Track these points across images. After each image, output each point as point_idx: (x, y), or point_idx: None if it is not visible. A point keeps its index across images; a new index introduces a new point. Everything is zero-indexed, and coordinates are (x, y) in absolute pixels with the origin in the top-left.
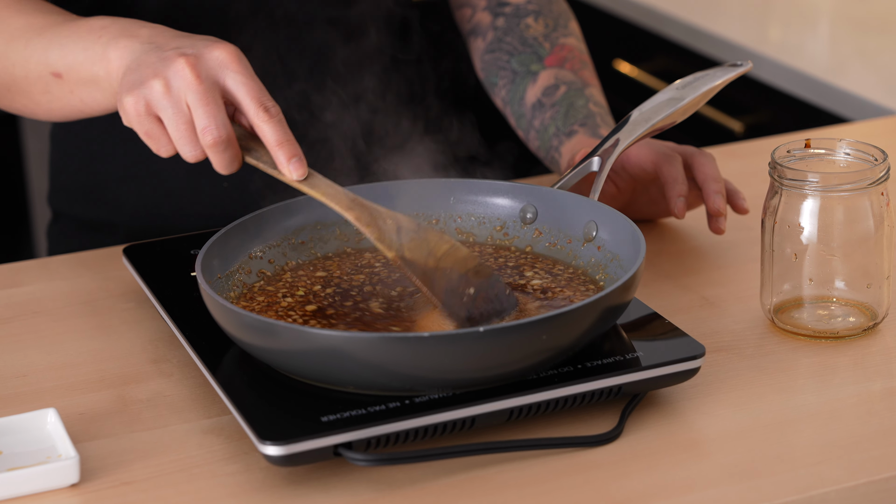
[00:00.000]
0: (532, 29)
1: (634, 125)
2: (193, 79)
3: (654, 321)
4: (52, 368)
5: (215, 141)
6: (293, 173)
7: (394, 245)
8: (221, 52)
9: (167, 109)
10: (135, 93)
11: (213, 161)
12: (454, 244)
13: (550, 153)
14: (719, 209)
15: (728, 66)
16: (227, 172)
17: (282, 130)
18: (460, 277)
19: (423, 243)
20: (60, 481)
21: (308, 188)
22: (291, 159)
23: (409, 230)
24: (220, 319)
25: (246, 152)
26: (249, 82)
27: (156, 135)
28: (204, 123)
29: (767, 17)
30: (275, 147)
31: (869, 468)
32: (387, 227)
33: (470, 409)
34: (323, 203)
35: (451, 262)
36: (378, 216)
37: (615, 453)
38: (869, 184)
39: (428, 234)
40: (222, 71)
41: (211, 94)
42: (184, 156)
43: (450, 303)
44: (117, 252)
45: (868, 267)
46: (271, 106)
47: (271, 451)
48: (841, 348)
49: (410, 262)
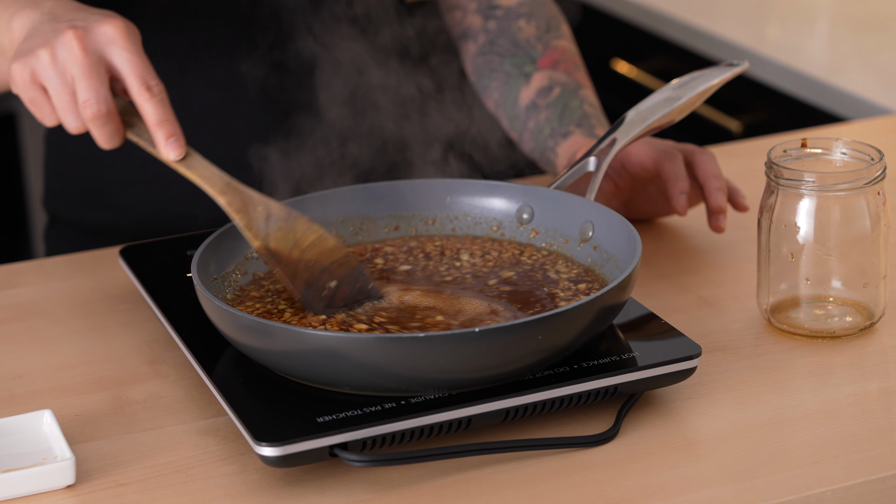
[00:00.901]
0: (524, 31)
1: (631, 125)
2: (79, 51)
3: (651, 321)
4: (48, 370)
5: (94, 115)
6: (170, 153)
7: (260, 234)
8: (111, 27)
9: (52, 80)
10: (22, 60)
11: (93, 134)
12: (322, 234)
13: (546, 154)
14: (720, 206)
15: (725, 66)
16: (109, 147)
17: (162, 109)
18: (323, 270)
19: (290, 232)
20: (56, 483)
21: (184, 168)
22: (170, 139)
23: (278, 218)
24: (216, 320)
25: (128, 128)
26: (134, 59)
27: (40, 103)
28: (85, 97)
29: (765, 17)
30: (154, 126)
31: (865, 468)
32: (256, 214)
33: (466, 409)
34: (198, 185)
35: (316, 252)
36: (250, 202)
37: (611, 453)
38: (865, 183)
39: (297, 222)
40: (109, 46)
41: (94, 69)
42: (66, 126)
43: (308, 296)
44: (114, 253)
45: (864, 266)
46: (154, 84)
47: (267, 452)
48: (837, 348)
49: (275, 253)
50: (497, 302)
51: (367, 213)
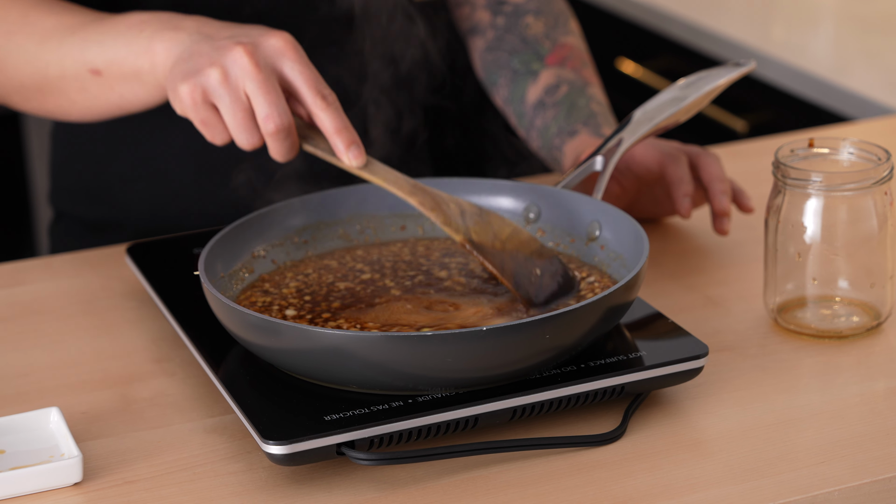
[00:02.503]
0: (532, 28)
1: (637, 124)
2: (252, 67)
3: (658, 320)
4: (54, 367)
5: (277, 128)
6: (353, 160)
7: (461, 228)
8: (278, 40)
9: (224, 97)
10: (190, 81)
11: (271, 149)
12: (516, 227)
13: (552, 152)
14: (724, 209)
15: (731, 66)
16: (285, 160)
17: (339, 118)
18: (526, 259)
19: (487, 226)
20: (63, 480)
21: (368, 175)
22: (350, 146)
23: (472, 214)
24: (223, 318)
25: (303, 140)
26: (306, 70)
27: (212, 123)
28: (266, 111)
29: (771, 17)
30: (333, 134)
31: (872, 468)
32: (451, 210)
33: (473, 408)
34: (385, 189)
35: (515, 244)
36: (441, 201)
37: (618, 453)
38: (872, 183)
39: (490, 217)
40: (279, 59)
41: (270, 82)
42: (240, 143)
43: (521, 284)
44: (120, 251)
45: (871, 266)
46: (328, 94)
47: (274, 450)
48: (844, 348)
49: (479, 245)
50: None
51: (374, 212)
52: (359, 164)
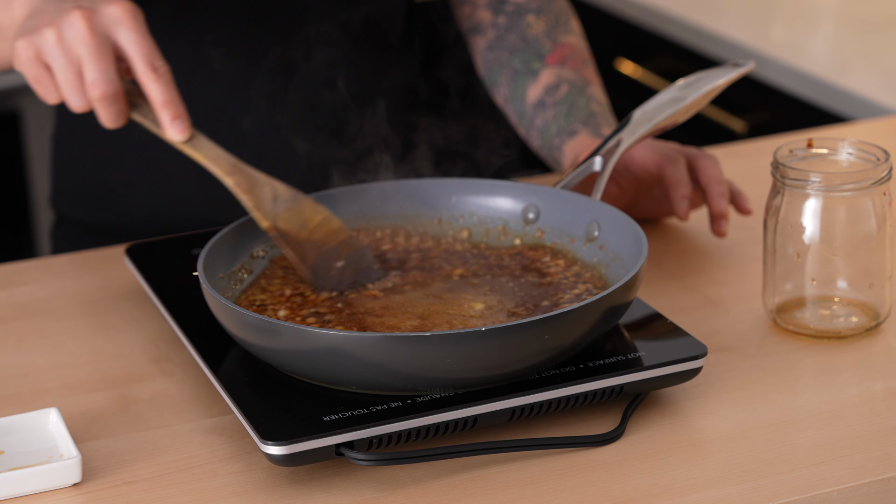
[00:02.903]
0: (533, 27)
1: (636, 125)
2: (86, 31)
3: (657, 321)
4: (53, 368)
5: (103, 94)
6: (176, 134)
7: (269, 214)
8: (117, 7)
9: (58, 59)
10: (27, 38)
11: (99, 114)
12: (328, 215)
13: (552, 153)
14: (722, 211)
15: (730, 66)
16: (113, 126)
17: (168, 90)
18: (330, 250)
19: (297, 213)
20: (62, 481)
21: (190, 150)
22: (175, 119)
23: (285, 199)
24: (222, 319)
25: (133, 108)
26: (141, 40)
27: (44, 81)
28: (93, 77)
29: (770, 17)
30: (160, 106)
31: (871, 468)
32: (264, 195)
33: (472, 408)
34: (204, 166)
35: (322, 233)
36: (257, 183)
37: (617, 453)
38: (871, 184)
39: (303, 203)
40: (115, 26)
41: (102, 49)
42: (70, 105)
43: (318, 275)
44: (119, 252)
45: (870, 267)
46: (160, 65)
47: (273, 451)
48: (843, 348)
49: (284, 233)
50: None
51: (373, 213)
52: (182, 137)
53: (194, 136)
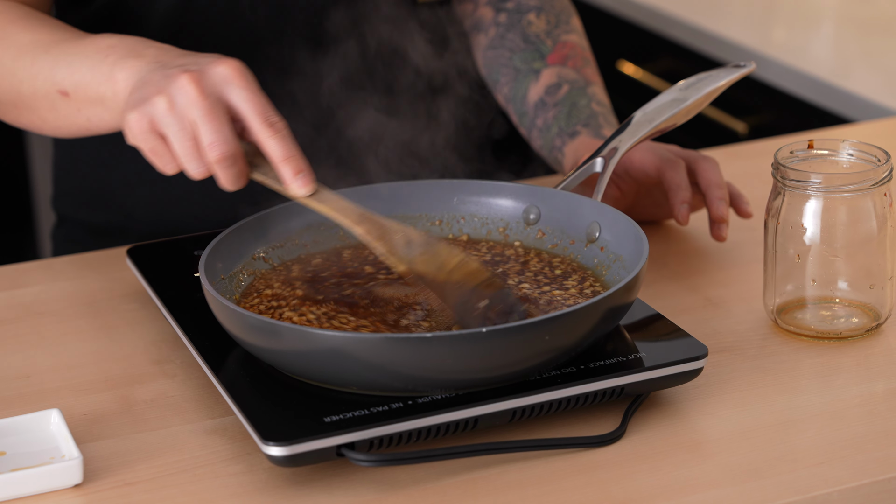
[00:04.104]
0: (534, 25)
1: (637, 126)
2: (197, 95)
3: (657, 322)
4: (55, 369)
5: (222, 156)
6: (300, 189)
7: (404, 259)
8: (225, 67)
9: (171, 126)
10: (138, 110)
11: (219, 177)
12: (464, 258)
13: (553, 153)
14: (722, 216)
15: (731, 67)
16: (234, 189)
17: (287, 146)
18: (472, 290)
19: (433, 256)
20: (64, 482)
21: (316, 204)
22: (298, 174)
23: (418, 244)
24: (224, 320)
25: (252, 168)
26: (254, 97)
27: (160, 152)
28: (210, 139)
29: (771, 18)
30: (280, 163)
31: (872, 469)
32: (396, 240)
33: (473, 409)
34: (332, 218)
35: (461, 274)
36: (387, 231)
37: (618, 454)
38: (872, 185)
39: (438, 247)
40: (226, 86)
41: (215, 110)
42: (189, 173)
43: (463, 315)
44: (121, 253)
45: (871, 268)
46: (276, 121)
47: (274, 452)
48: (844, 349)
49: (422, 276)
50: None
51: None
52: (306, 192)
53: (318, 189)
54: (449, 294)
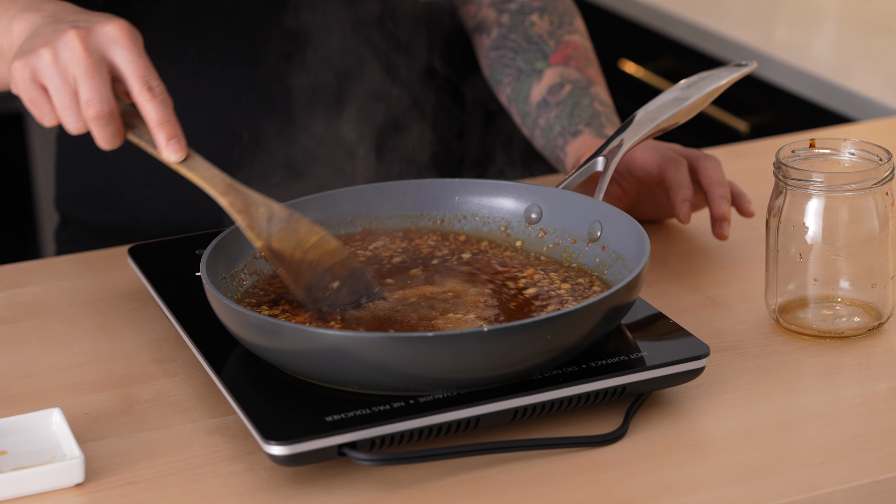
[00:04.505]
0: (537, 26)
1: (639, 125)
2: (81, 51)
3: (659, 321)
4: (57, 368)
5: (97, 115)
6: (172, 154)
7: (263, 234)
8: (113, 27)
9: (53, 79)
10: (23, 59)
11: (94, 135)
12: (324, 236)
13: (555, 152)
14: (723, 214)
15: (733, 66)
16: (109, 147)
17: (164, 110)
18: (325, 271)
19: (292, 234)
20: (65, 481)
21: (185, 170)
22: (171, 140)
23: (280, 219)
24: (225, 319)
25: (129, 129)
26: (137, 59)
27: (40, 103)
28: (87, 97)
29: (773, 18)
30: (156, 127)
31: (874, 468)
32: (258, 214)
33: (474, 408)
34: (199, 186)
35: (318, 253)
36: (252, 203)
37: (619, 453)
38: (874, 184)
39: (299, 224)
40: (111, 46)
41: (97, 68)
42: (66, 127)
43: (311, 296)
44: (122, 252)
45: (873, 267)
46: (156, 85)
47: (276, 451)
48: (846, 348)
49: (277, 253)
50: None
51: (376, 213)
52: (177, 158)
53: (190, 156)
54: (301, 274)
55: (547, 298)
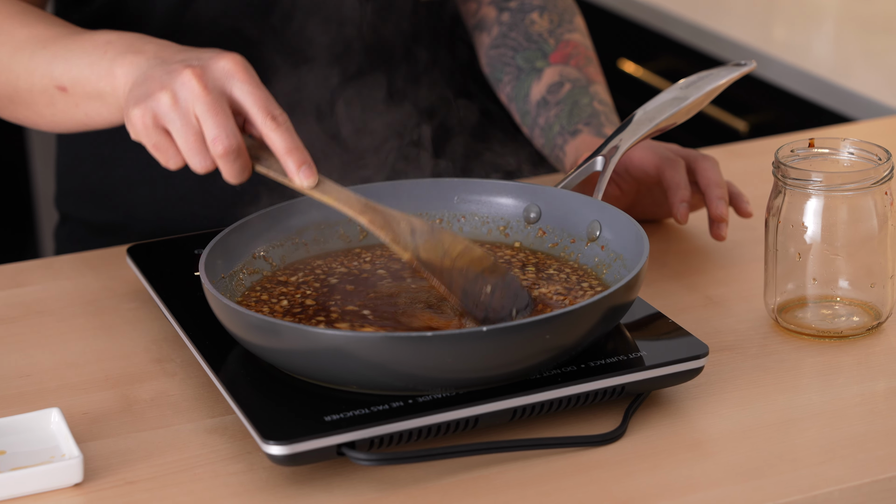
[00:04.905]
0: (537, 25)
1: (638, 125)
2: (200, 89)
3: (658, 320)
4: (55, 368)
5: (226, 150)
6: (304, 181)
7: (409, 246)
8: (227, 62)
9: (175, 121)
10: (142, 105)
11: (223, 171)
12: (468, 244)
13: (555, 151)
14: (721, 215)
15: (732, 66)
16: (238, 182)
17: (290, 138)
18: (476, 276)
19: (437, 244)
20: (64, 481)
21: (320, 195)
22: (301, 167)
23: (423, 232)
24: (224, 319)
25: (256, 161)
26: (256, 91)
27: (164, 147)
28: (214, 133)
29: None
30: (284, 155)
31: (873, 468)
32: (401, 229)
33: (473, 408)
34: (336, 208)
35: (466, 261)
36: (391, 219)
37: (618, 453)
38: (872, 183)
39: (442, 235)
40: (229, 81)
41: (219, 104)
42: (193, 167)
43: (467, 302)
44: (121, 252)
45: (872, 266)
46: (279, 114)
47: (275, 451)
48: (845, 348)
49: (426, 263)
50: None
51: None
52: (310, 184)
53: (322, 180)
54: (454, 281)
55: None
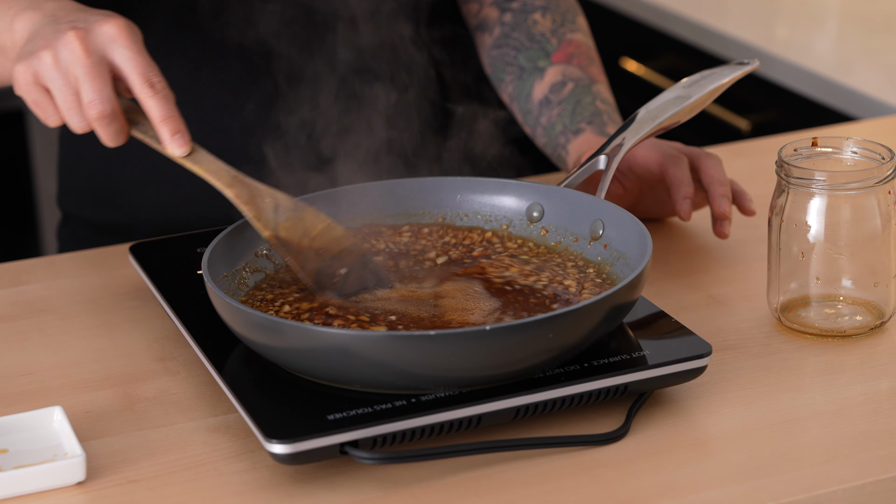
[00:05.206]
0: (539, 24)
1: (641, 124)
2: (81, 52)
3: (661, 319)
4: (58, 366)
5: (100, 115)
6: (176, 149)
7: (269, 224)
8: (112, 26)
9: (55, 80)
10: (25, 62)
11: (98, 133)
12: (330, 223)
13: (557, 151)
14: (724, 213)
15: (735, 65)
16: (114, 144)
17: (166, 106)
18: (332, 258)
19: (298, 222)
20: (66, 479)
21: (191, 164)
22: (175, 135)
23: (286, 209)
24: (227, 318)
25: (133, 126)
26: (137, 57)
27: (44, 104)
28: (89, 97)
29: (774, 16)
30: (159, 122)
31: (876, 467)
32: (265, 205)
33: (476, 407)
34: (205, 179)
35: (325, 241)
36: (257, 194)
37: (621, 452)
38: (876, 182)
39: (305, 212)
40: (111, 45)
41: (98, 68)
42: (71, 126)
43: (322, 282)
44: (123, 250)
45: (875, 265)
46: (157, 82)
47: (277, 450)
48: (848, 347)
49: (285, 242)
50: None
51: (377, 211)
52: (182, 152)
53: (194, 150)
54: (310, 261)
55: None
